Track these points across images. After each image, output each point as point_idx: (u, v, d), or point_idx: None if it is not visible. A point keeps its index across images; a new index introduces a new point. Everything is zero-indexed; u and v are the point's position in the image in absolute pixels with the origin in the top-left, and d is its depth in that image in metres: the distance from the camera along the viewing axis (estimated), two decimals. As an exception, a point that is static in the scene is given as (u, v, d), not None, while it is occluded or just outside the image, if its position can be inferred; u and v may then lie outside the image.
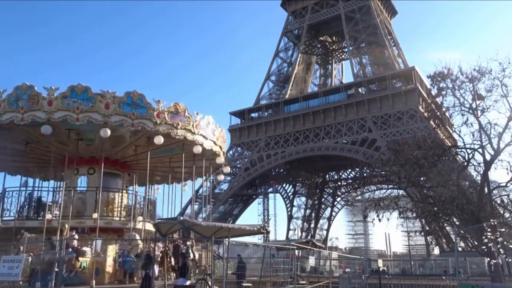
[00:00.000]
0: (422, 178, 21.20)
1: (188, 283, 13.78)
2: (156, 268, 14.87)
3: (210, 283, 13.60)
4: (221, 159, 19.72)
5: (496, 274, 16.09)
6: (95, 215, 16.85)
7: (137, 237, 16.67)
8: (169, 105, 16.16)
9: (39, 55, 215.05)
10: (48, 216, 17.14)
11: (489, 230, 13.64)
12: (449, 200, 18.39)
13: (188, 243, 17.05)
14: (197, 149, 17.08)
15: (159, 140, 15.65)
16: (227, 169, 22.30)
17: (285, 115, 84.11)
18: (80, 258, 14.73)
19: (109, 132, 14.82)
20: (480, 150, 18.47)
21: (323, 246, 48.88)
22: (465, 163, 19.47)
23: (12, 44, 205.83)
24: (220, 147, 19.37)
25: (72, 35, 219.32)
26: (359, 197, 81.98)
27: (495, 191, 19.38)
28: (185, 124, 16.13)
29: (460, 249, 40.15)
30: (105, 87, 15.41)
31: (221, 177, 25.14)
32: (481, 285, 15.70)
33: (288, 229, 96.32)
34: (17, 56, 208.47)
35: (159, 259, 15.08)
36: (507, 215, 19.05)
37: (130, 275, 15.78)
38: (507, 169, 17.67)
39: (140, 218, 18.51)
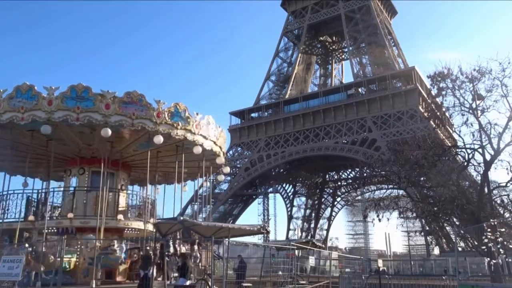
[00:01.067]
0: (422, 178, 21.20)
1: (188, 283, 13.79)
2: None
3: (210, 283, 13.60)
4: (220, 159, 19.68)
5: (496, 274, 16.09)
6: (70, 215, 16.91)
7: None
8: (169, 105, 16.18)
9: (39, 55, 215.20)
10: (31, 217, 17.22)
11: (489, 230, 13.63)
12: (449, 200, 18.39)
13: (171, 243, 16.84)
14: (197, 150, 17.07)
15: (158, 139, 15.61)
16: (227, 169, 22.25)
17: (285, 115, 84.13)
18: (64, 259, 14.65)
19: (109, 132, 14.81)
20: (480, 150, 18.47)
21: (323, 246, 48.89)
22: (465, 163, 19.47)
23: (12, 44, 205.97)
24: (220, 147, 19.34)
25: (72, 35, 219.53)
26: (359, 197, 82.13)
27: (495, 191, 19.38)
28: (147, 115, 15.60)
29: (460, 249, 40.18)
30: (105, 87, 15.46)
31: (221, 178, 25.12)
32: (481, 285, 15.71)
33: (288, 229, 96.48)
34: (17, 56, 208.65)
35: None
36: (507, 215, 19.06)
37: (108, 274, 15.69)
38: (507, 169, 17.68)
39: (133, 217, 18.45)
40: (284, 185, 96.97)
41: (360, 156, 64.38)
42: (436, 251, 59.45)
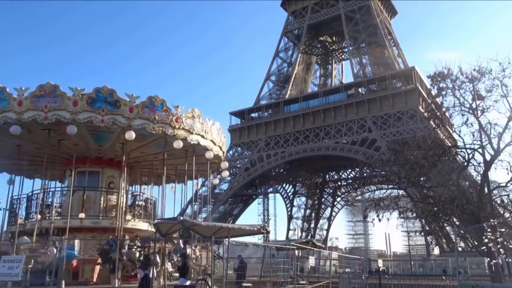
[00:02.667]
0: (422, 178, 21.20)
1: (188, 283, 13.79)
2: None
3: (210, 283, 13.60)
4: (225, 164, 20.02)
5: (496, 274, 16.10)
6: (81, 215, 17.04)
7: (28, 240, 16.25)
8: (186, 110, 16.46)
9: (39, 55, 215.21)
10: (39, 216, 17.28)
11: (489, 230, 13.64)
12: (449, 200, 18.38)
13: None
14: (209, 155, 17.56)
15: (178, 144, 15.83)
16: (225, 164, 22.05)
17: (285, 115, 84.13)
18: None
19: (133, 135, 15.10)
20: (480, 150, 18.47)
21: (323, 246, 48.90)
22: (465, 163, 19.47)
23: (12, 44, 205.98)
24: (224, 152, 19.49)
25: (72, 35, 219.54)
26: (359, 197, 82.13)
27: (495, 191, 19.38)
28: (167, 120, 15.92)
29: (460, 249, 40.22)
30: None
31: (220, 178, 25.17)
32: (481, 285, 15.70)
33: (288, 229, 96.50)
34: (17, 56, 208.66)
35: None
36: (507, 215, 19.06)
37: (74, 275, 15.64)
38: (507, 169, 17.68)
39: (129, 217, 18.29)
40: (284, 185, 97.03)
41: (360, 156, 64.41)
42: (436, 251, 59.47)
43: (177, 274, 15.59)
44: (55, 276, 13.33)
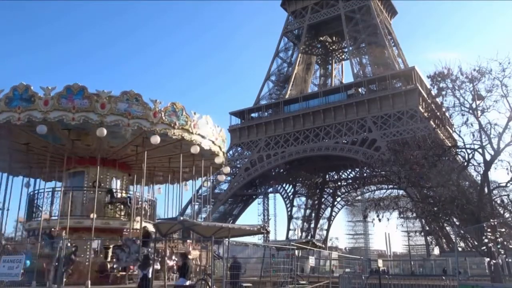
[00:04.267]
0: (422, 178, 21.19)
1: (188, 283, 13.78)
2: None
3: (210, 283, 13.59)
4: (220, 159, 19.49)
5: (496, 274, 16.10)
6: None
7: None
8: (166, 105, 16.09)
9: (39, 55, 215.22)
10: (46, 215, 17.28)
11: (489, 230, 13.65)
12: (449, 200, 18.39)
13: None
14: (195, 149, 17.00)
15: (155, 139, 15.51)
16: (227, 169, 22.16)
17: (285, 115, 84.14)
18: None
19: (105, 131, 14.77)
20: (480, 150, 18.47)
21: (323, 246, 48.87)
22: (465, 163, 19.47)
23: (12, 44, 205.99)
24: (220, 147, 19.20)
25: (71, 35, 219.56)
26: (359, 197, 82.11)
27: (495, 191, 19.39)
28: (143, 115, 15.57)
29: (460, 249, 40.21)
30: (104, 87, 15.48)
31: (221, 178, 25.09)
32: (481, 285, 15.71)
33: (288, 229, 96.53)
34: (17, 56, 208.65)
35: None
36: (507, 215, 19.06)
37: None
38: (507, 169, 17.70)
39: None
40: (284, 185, 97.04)
41: (360, 156, 64.41)
42: (436, 251, 59.47)
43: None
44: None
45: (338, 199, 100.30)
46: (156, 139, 15.47)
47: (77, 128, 15.62)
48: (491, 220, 15.02)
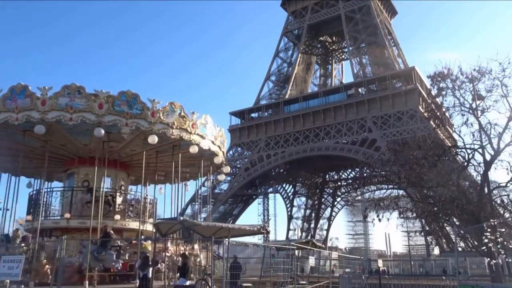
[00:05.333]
0: (422, 178, 21.19)
1: (188, 283, 13.79)
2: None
3: (210, 283, 13.59)
4: (219, 159, 19.27)
5: (496, 274, 16.10)
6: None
7: None
8: (164, 105, 15.99)
9: (39, 55, 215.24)
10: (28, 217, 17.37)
11: (489, 230, 13.64)
12: (449, 200, 18.40)
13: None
14: (193, 149, 16.87)
15: (153, 139, 15.43)
16: (227, 169, 22.01)
17: (285, 115, 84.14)
18: None
19: (102, 132, 14.74)
20: (480, 150, 18.47)
21: (323, 246, 48.87)
22: (465, 163, 19.47)
23: (12, 44, 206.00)
24: (219, 147, 19.05)
25: (71, 35, 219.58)
26: (359, 197, 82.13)
27: (495, 191, 19.39)
28: (141, 115, 15.46)
29: (460, 249, 40.19)
30: (104, 87, 15.39)
31: (221, 177, 24.84)
32: (481, 285, 15.71)
33: (288, 229, 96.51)
34: (16, 56, 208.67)
35: None
36: (507, 215, 19.08)
37: None
38: (507, 169, 17.69)
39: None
40: (284, 185, 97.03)
41: (360, 156, 64.43)
42: (436, 251, 59.47)
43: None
44: None
45: (338, 199, 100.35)
46: (153, 139, 15.37)
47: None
48: (491, 220, 15.01)
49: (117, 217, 17.36)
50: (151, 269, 13.53)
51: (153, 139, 15.38)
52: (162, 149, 17.76)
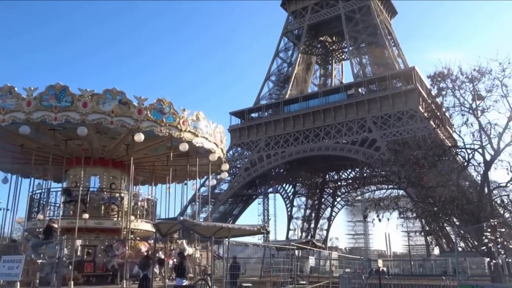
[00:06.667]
0: (422, 179, 21.18)
1: (185, 283, 13.75)
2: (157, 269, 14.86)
3: (210, 283, 13.58)
4: (214, 156, 18.64)
5: (496, 274, 16.08)
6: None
7: None
8: (152, 102, 15.74)
9: (39, 56, 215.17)
10: (40, 216, 17.28)
11: (489, 230, 13.64)
12: (449, 200, 18.37)
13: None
14: (184, 147, 16.53)
15: (139, 137, 15.20)
16: (226, 166, 21.59)
17: (285, 115, 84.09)
18: None
19: (85, 130, 14.67)
20: (480, 150, 18.46)
21: (323, 246, 48.85)
22: (465, 163, 19.45)
23: (11, 44, 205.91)
24: (216, 144, 18.50)
25: (72, 35, 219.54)
26: (359, 197, 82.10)
27: (495, 191, 19.37)
28: (127, 113, 15.20)
29: (460, 249, 40.18)
30: (103, 87, 15.21)
31: (224, 175, 24.49)
32: (481, 285, 15.69)
33: (288, 229, 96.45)
34: (17, 56, 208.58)
35: None
36: (507, 215, 19.04)
37: None
38: (507, 169, 17.67)
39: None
40: (284, 185, 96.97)
41: (360, 156, 64.40)
42: (436, 251, 59.49)
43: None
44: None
45: (338, 199, 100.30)
46: (139, 137, 15.10)
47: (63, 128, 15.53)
48: (491, 220, 15.01)
49: (86, 216, 16.99)
50: (151, 269, 13.53)
51: (139, 137, 15.11)
52: (155, 147, 17.52)
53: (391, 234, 59.57)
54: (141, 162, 19.73)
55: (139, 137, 15.12)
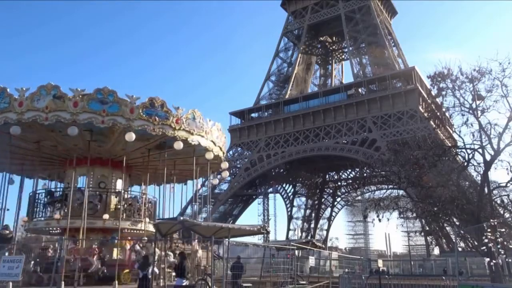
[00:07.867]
0: (422, 178, 21.17)
1: (185, 283, 13.74)
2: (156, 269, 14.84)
3: (210, 283, 13.58)
4: (210, 155, 18.35)
5: (496, 274, 16.09)
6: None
7: None
8: (144, 100, 15.66)
9: (39, 56, 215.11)
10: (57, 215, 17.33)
11: (489, 230, 13.64)
12: (449, 200, 18.37)
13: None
14: (178, 145, 16.36)
15: (130, 136, 15.15)
16: (225, 164, 21.42)
17: (285, 115, 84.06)
18: None
19: (76, 130, 14.64)
20: (480, 150, 18.47)
21: (323, 246, 48.84)
22: (465, 163, 19.46)
23: (11, 45, 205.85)
24: (213, 142, 18.31)
25: (72, 35, 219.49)
26: (359, 197, 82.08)
27: (495, 191, 19.38)
28: (118, 112, 15.10)
29: (460, 249, 40.14)
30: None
31: (225, 174, 24.34)
32: (481, 285, 15.70)
33: (288, 229, 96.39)
34: (17, 57, 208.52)
35: None
36: (507, 215, 19.05)
37: None
38: (507, 169, 17.69)
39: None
40: (284, 185, 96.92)
41: (360, 156, 64.35)
42: (436, 251, 59.46)
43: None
44: None
45: (338, 199, 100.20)
46: (131, 136, 15.01)
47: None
48: (491, 220, 15.01)
49: (57, 216, 17.20)
50: (150, 269, 13.53)
51: (130, 136, 15.01)
52: (151, 146, 17.39)
53: (391, 234, 59.64)
54: (136, 161, 19.63)
55: (130, 136, 15.05)
